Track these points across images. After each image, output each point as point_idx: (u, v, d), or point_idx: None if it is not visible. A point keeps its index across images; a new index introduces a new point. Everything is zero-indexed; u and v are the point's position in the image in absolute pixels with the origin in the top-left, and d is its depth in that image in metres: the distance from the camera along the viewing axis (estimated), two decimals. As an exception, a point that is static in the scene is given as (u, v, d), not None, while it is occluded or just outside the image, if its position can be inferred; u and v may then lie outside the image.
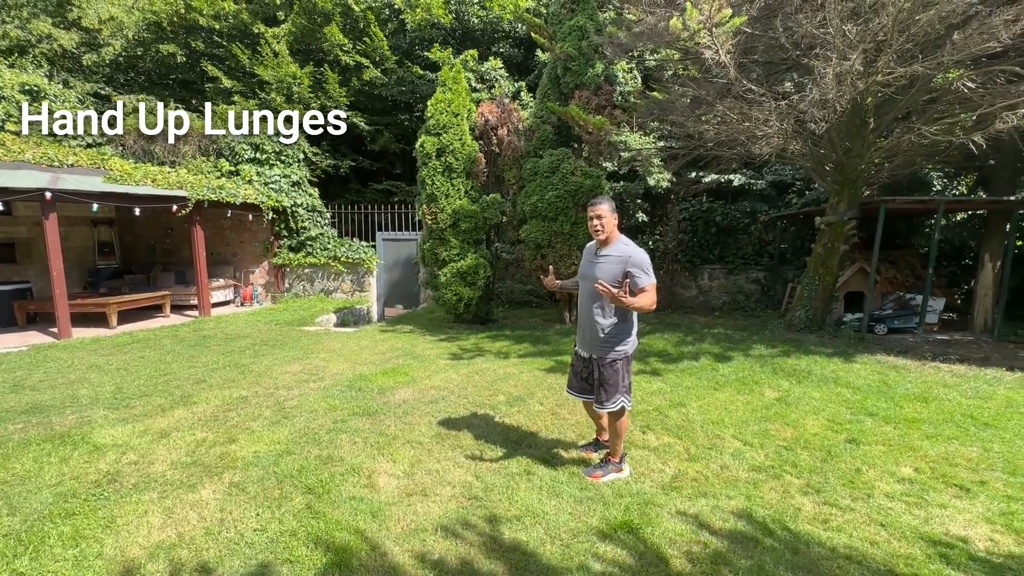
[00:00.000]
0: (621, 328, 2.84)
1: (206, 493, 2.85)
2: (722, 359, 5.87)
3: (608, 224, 2.77)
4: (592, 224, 2.80)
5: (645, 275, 2.68)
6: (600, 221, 2.77)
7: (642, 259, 2.70)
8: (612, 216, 2.79)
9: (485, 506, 2.74)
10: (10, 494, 2.82)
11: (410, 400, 4.43)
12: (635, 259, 2.69)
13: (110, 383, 4.91)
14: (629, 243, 2.80)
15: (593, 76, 7.24)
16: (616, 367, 2.85)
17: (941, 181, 9.82)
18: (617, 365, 2.85)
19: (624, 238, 2.84)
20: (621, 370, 2.86)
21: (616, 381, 2.85)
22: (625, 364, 2.88)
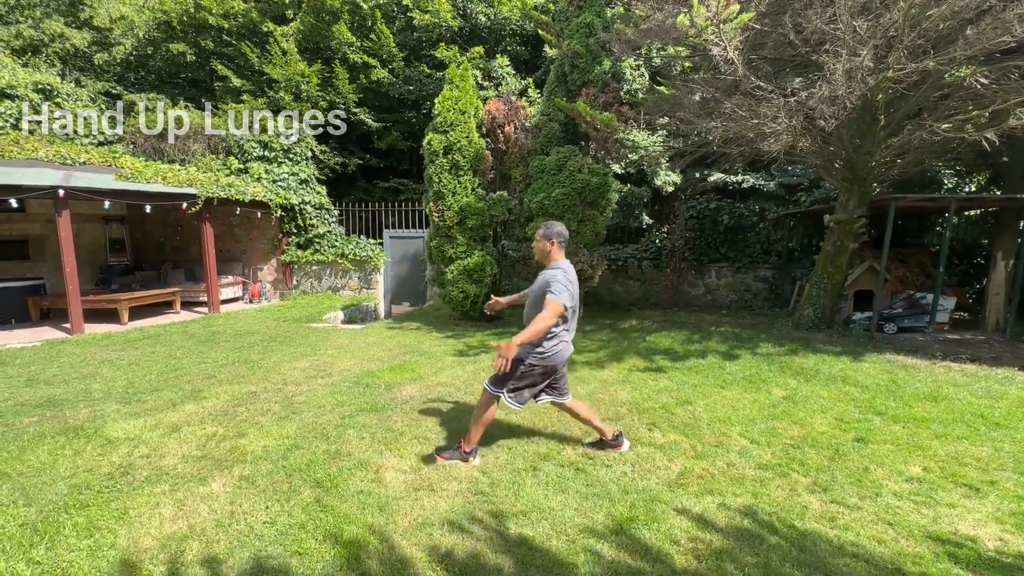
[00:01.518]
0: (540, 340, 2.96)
1: (216, 486, 2.89)
2: (729, 357, 5.85)
3: (538, 249, 3.08)
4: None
5: (550, 293, 2.83)
6: (534, 246, 3.12)
7: (550, 277, 2.89)
8: (544, 242, 3.03)
9: (491, 501, 2.76)
10: (26, 485, 2.87)
11: (417, 396, 4.46)
12: (546, 277, 2.92)
13: (122, 378, 4.98)
14: (558, 267, 2.97)
15: (600, 73, 7.22)
16: (519, 367, 3.00)
17: (952, 179, 9.70)
18: (520, 366, 2.99)
19: (561, 263, 3.01)
20: (519, 371, 3.00)
21: (509, 375, 2.99)
22: (525, 369, 3.00)
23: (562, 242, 3.05)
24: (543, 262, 3.10)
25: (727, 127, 5.79)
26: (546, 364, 3.02)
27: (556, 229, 3.04)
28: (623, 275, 9.80)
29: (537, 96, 10.90)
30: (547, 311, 2.78)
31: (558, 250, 3.04)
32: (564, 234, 3.07)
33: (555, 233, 3.03)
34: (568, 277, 2.94)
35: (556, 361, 3.04)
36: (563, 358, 3.08)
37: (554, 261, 3.03)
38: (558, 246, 3.04)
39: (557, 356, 3.03)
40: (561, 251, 3.07)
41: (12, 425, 3.76)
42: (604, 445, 3.38)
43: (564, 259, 3.07)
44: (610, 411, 4.12)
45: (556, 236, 3.03)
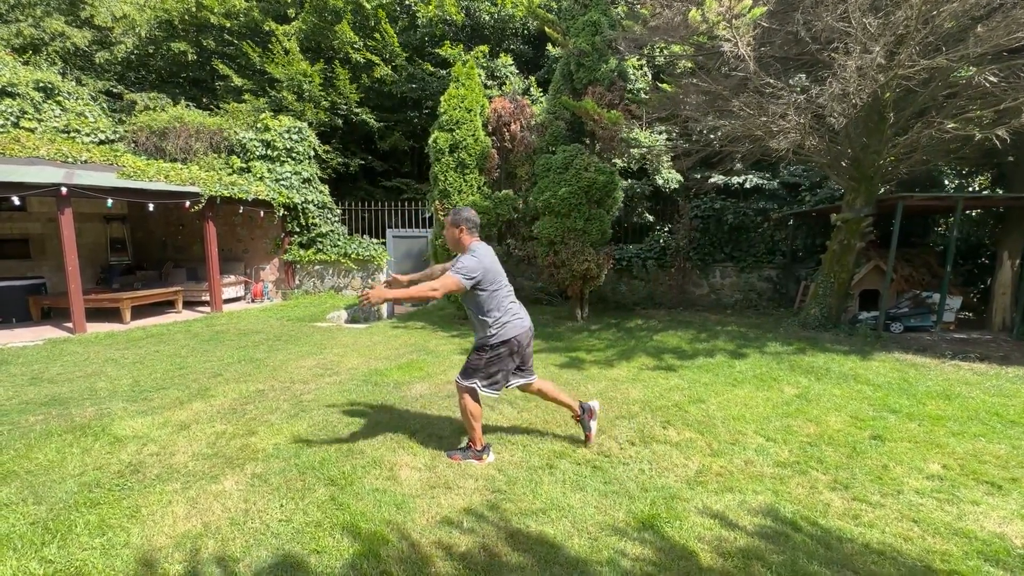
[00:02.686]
0: (484, 321, 2.96)
1: (229, 484, 2.84)
2: (737, 356, 5.82)
3: (448, 237, 3.02)
4: None
5: (452, 270, 2.84)
6: (444, 233, 3.09)
7: (463, 258, 2.88)
8: (452, 229, 2.95)
9: (510, 499, 2.72)
10: (35, 484, 2.82)
11: (427, 395, 4.42)
12: (460, 258, 2.92)
13: (127, 376, 4.93)
14: (471, 251, 2.91)
15: (607, 72, 7.20)
16: (479, 353, 2.99)
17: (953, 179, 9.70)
18: (481, 353, 2.98)
19: (474, 246, 2.94)
20: (484, 357, 2.97)
21: (476, 364, 2.99)
22: (489, 354, 2.96)
23: (471, 227, 2.95)
24: (455, 251, 3.05)
25: (734, 125, 5.76)
26: (506, 339, 2.94)
27: (465, 215, 2.95)
28: (627, 274, 9.77)
29: (540, 95, 10.89)
30: (439, 281, 2.77)
31: (468, 235, 2.95)
32: (474, 219, 2.97)
33: (463, 219, 2.93)
34: (480, 259, 2.84)
35: (513, 333, 2.96)
36: (521, 330, 3.01)
37: (467, 246, 2.95)
38: (467, 231, 2.94)
39: (510, 328, 2.95)
40: (472, 236, 2.96)
41: (17, 424, 3.70)
42: (581, 422, 3.37)
43: (478, 242, 2.97)
44: (622, 409, 4.08)
45: (465, 222, 2.93)
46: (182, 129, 10.39)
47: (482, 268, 2.83)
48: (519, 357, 3.05)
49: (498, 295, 2.94)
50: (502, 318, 2.95)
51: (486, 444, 3.18)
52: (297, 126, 10.59)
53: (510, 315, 2.99)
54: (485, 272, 2.84)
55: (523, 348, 3.05)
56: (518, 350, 3.02)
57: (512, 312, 3.01)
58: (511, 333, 2.96)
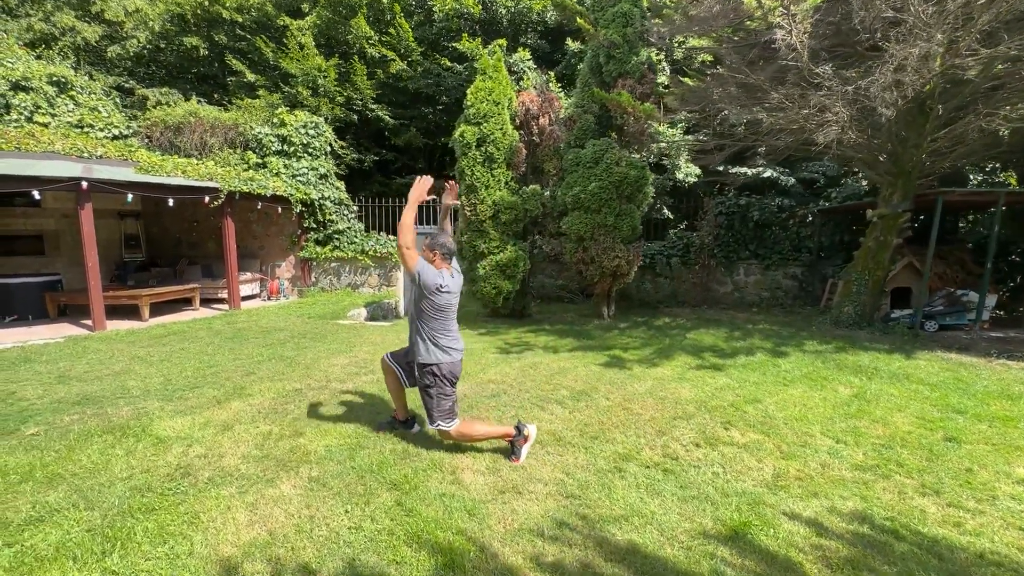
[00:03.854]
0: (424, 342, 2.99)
1: (286, 488, 2.70)
2: (779, 355, 5.67)
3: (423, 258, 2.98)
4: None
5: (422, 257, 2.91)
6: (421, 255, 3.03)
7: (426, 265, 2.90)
8: (428, 252, 2.99)
9: (587, 504, 2.57)
10: (83, 488, 2.68)
11: (470, 395, 4.27)
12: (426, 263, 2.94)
13: (157, 374, 4.78)
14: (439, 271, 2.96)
15: (637, 64, 7.04)
16: (427, 392, 2.99)
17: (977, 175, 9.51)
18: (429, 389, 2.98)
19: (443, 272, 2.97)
20: (433, 393, 2.98)
21: (429, 406, 3.00)
22: (434, 391, 2.97)
23: (445, 254, 3.01)
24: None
25: (777, 118, 5.60)
26: (443, 376, 2.97)
27: (442, 240, 3.03)
28: (650, 272, 9.60)
29: (558, 90, 10.73)
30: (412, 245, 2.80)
31: (441, 260, 3.01)
32: (450, 247, 3.04)
33: (439, 244, 3.01)
34: (442, 279, 2.91)
35: (447, 371, 2.98)
36: (455, 366, 3.03)
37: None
38: (440, 257, 3.00)
39: (445, 367, 2.98)
40: (445, 262, 3.02)
41: (53, 423, 3.56)
42: (394, 425, 3.44)
43: (447, 270, 3.02)
44: (677, 409, 3.93)
45: (440, 247, 3.01)
46: (197, 124, 10.25)
47: (432, 281, 2.87)
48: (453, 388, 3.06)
49: (442, 317, 2.97)
50: (440, 343, 2.97)
51: (516, 425, 3.11)
52: (314, 121, 10.43)
53: (444, 348, 2.98)
54: (439, 288, 2.88)
55: (455, 379, 3.06)
56: (453, 380, 3.03)
57: (450, 343, 3.01)
58: (445, 369, 2.98)
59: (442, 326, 2.98)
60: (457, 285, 3.06)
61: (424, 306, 2.93)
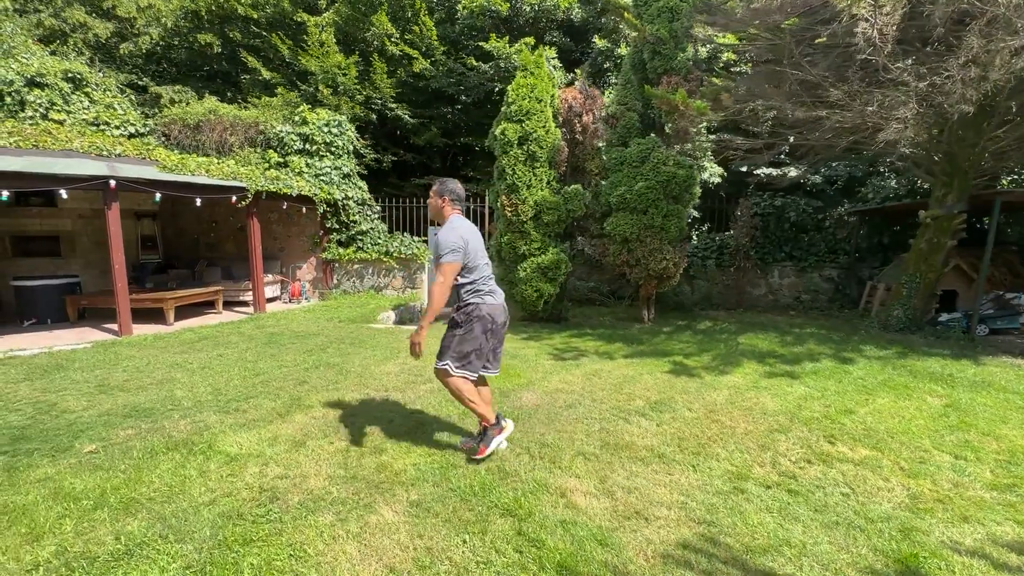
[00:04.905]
0: (457, 292, 2.90)
1: (388, 514, 2.46)
2: (843, 360, 5.47)
3: (432, 205, 2.97)
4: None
5: (441, 251, 2.75)
6: (429, 202, 3.01)
7: (442, 239, 2.77)
8: (436, 198, 2.93)
9: (724, 532, 2.34)
10: (165, 515, 2.42)
11: (543, 405, 4.03)
12: (438, 239, 2.80)
13: (203, 384, 4.52)
14: (450, 224, 2.84)
15: (683, 61, 6.84)
16: (452, 331, 2.89)
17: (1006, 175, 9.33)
18: (454, 330, 2.88)
19: (453, 219, 2.88)
20: (457, 335, 2.86)
21: (447, 343, 2.88)
22: (462, 331, 2.85)
23: (454, 200, 2.93)
24: (436, 219, 3.02)
25: (843, 116, 5.40)
26: (481, 316, 2.83)
27: (450, 186, 2.95)
28: (684, 274, 9.38)
29: (585, 89, 10.51)
30: (439, 277, 2.73)
31: (450, 207, 2.93)
32: (459, 193, 2.96)
33: (448, 190, 2.93)
34: (461, 232, 2.78)
35: (486, 310, 2.85)
36: (495, 306, 2.90)
37: (447, 217, 2.92)
38: (450, 203, 2.92)
39: (485, 307, 2.85)
40: (455, 208, 2.94)
41: (109, 439, 3.30)
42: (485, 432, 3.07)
43: (457, 215, 2.93)
44: (769, 421, 3.70)
45: (449, 193, 2.93)
46: (216, 123, 9.98)
47: (463, 240, 2.76)
48: (494, 338, 2.93)
49: (477, 269, 2.87)
50: (477, 289, 2.87)
51: (497, 414, 3.03)
52: (336, 119, 10.18)
53: (484, 292, 2.88)
54: (467, 244, 2.78)
55: (497, 328, 2.92)
56: (492, 328, 2.88)
57: (488, 288, 2.90)
58: (484, 309, 2.85)
59: (479, 277, 2.87)
60: (471, 226, 2.92)
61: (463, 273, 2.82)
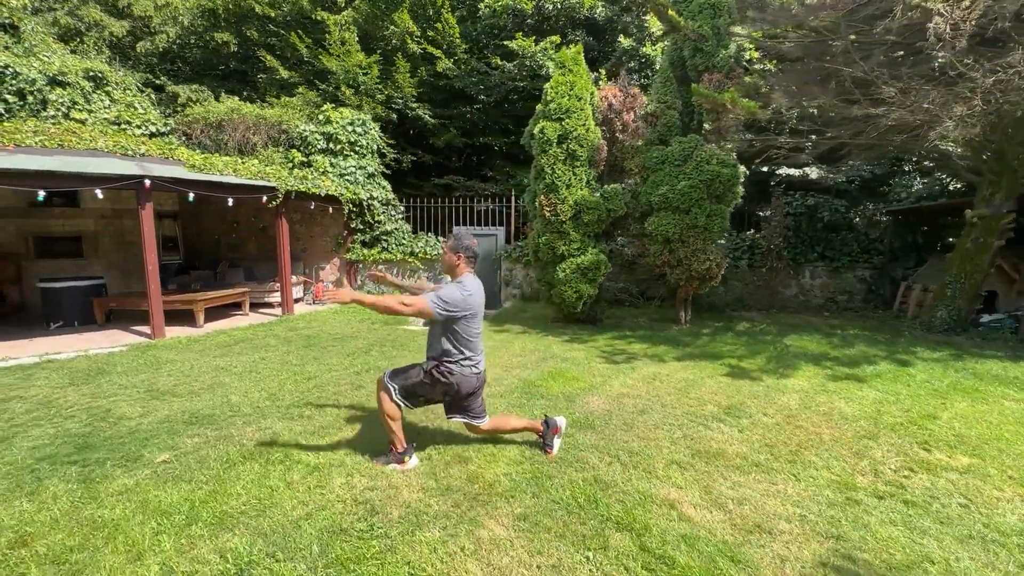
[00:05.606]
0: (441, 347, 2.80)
1: (497, 528, 2.34)
2: (900, 363, 5.35)
3: (445, 261, 2.88)
4: None
5: (431, 296, 2.65)
6: (442, 258, 2.93)
7: (447, 291, 2.68)
8: (451, 255, 2.84)
9: (856, 547, 2.23)
10: (264, 530, 2.30)
11: (613, 410, 3.91)
12: (445, 287, 2.73)
13: (255, 389, 4.40)
14: (461, 283, 2.77)
15: (726, 58, 6.73)
16: (419, 370, 2.84)
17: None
18: (420, 372, 2.83)
19: (465, 279, 2.79)
20: (418, 378, 2.82)
21: (407, 373, 2.84)
22: (429, 380, 2.80)
23: (470, 257, 2.84)
24: (449, 274, 2.92)
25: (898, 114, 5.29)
26: (446, 383, 2.78)
27: (466, 243, 2.83)
28: (715, 275, 9.28)
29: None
30: (414, 300, 2.61)
31: (465, 265, 2.82)
32: (474, 250, 2.86)
33: (464, 247, 2.82)
34: (465, 296, 2.70)
35: (456, 383, 2.79)
36: (467, 384, 2.82)
37: (458, 277, 2.83)
38: (465, 261, 2.82)
39: (457, 379, 2.78)
40: (469, 267, 2.84)
41: (177, 447, 3.18)
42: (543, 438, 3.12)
43: (470, 275, 2.84)
44: (853, 427, 3.59)
45: (465, 250, 2.82)
46: (239, 122, 9.86)
47: (463, 305, 2.69)
48: (452, 400, 2.87)
49: (468, 331, 2.78)
50: (459, 359, 2.79)
51: (407, 446, 2.93)
52: (360, 118, 10.06)
53: (464, 362, 2.79)
54: (466, 309, 2.70)
55: (461, 397, 2.84)
56: (454, 396, 2.84)
57: (470, 360, 2.81)
58: (454, 378, 2.79)
59: (467, 338, 2.77)
60: (481, 289, 2.86)
61: (459, 328, 2.74)
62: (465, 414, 2.94)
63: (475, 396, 2.91)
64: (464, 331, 2.75)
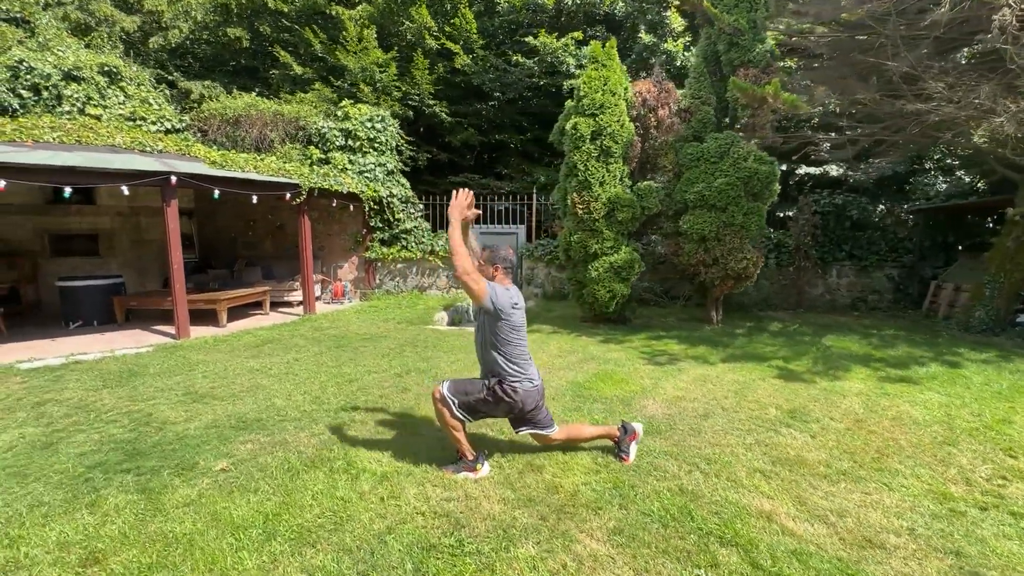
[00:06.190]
0: (496, 364, 2.72)
1: (593, 544, 2.20)
2: (950, 364, 5.22)
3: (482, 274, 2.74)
4: None
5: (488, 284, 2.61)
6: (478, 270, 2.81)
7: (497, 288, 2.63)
8: (488, 267, 2.77)
9: (980, 564, 2.10)
10: (348, 545, 2.16)
11: (674, 415, 3.78)
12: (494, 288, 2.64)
13: (297, 392, 4.26)
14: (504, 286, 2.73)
15: (762, 52, 6.58)
16: (478, 386, 2.75)
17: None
18: (481, 389, 2.73)
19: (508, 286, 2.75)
20: (479, 395, 2.72)
21: (467, 389, 2.75)
22: (486, 395, 2.71)
23: (507, 268, 2.80)
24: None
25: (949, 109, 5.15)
26: (510, 402, 2.70)
27: (501, 254, 2.80)
28: (741, 274, 9.15)
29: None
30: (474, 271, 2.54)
31: (503, 275, 2.78)
32: (511, 260, 2.84)
33: (500, 258, 2.79)
34: (512, 296, 2.68)
35: (520, 401, 2.71)
36: (530, 400, 2.74)
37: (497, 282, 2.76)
38: (502, 272, 2.78)
39: (521, 397, 2.70)
40: (506, 277, 2.79)
41: (232, 455, 3.04)
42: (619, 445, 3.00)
43: (508, 282, 2.80)
44: (928, 432, 3.46)
45: (502, 261, 2.79)
46: (257, 118, 9.70)
47: (510, 304, 2.65)
48: (516, 416, 2.81)
49: (518, 343, 2.73)
50: (517, 371, 2.72)
51: (477, 454, 2.83)
52: (379, 114, 9.91)
53: (523, 376, 2.73)
54: (510, 313, 2.65)
55: (525, 412, 2.76)
56: (517, 412, 2.76)
57: (527, 372, 2.76)
58: (519, 396, 2.70)
59: (520, 352, 2.73)
60: (523, 300, 2.83)
61: (500, 329, 2.66)
62: (532, 426, 2.85)
63: (538, 409, 2.82)
64: (515, 344, 2.71)
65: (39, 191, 8.38)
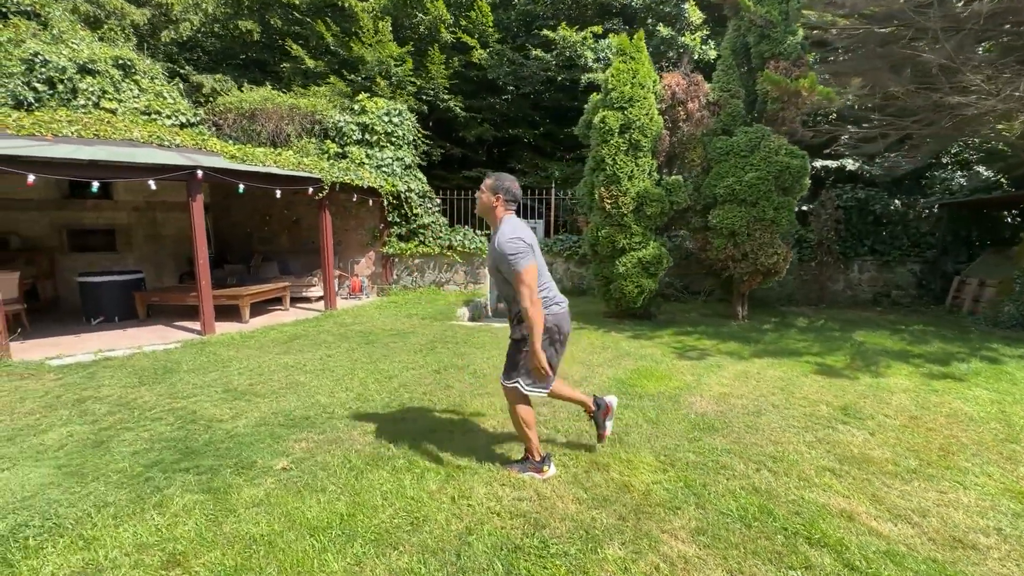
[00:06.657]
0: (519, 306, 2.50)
1: (680, 546, 2.16)
2: (989, 360, 5.18)
3: (481, 202, 2.60)
4: None
5: (511, 262, 2.39)
6: (477, 197, 2.65)
7: (506, 246, 2.41)
8: (488, 194, 2.57)
9: (1080, 567, 2.05)
10: (430, 546, 2.12)
11: (725, 411, 3.74)
12: (500, 247, 2.44)
13: (339, 389, 4.22)
14: (507, 227, 2.49)
15: (793, 45, 6.50)
16: (518, 345, 2.59)
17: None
18: (520, 344, 2.57)
19: (509, 220, 2.54)
20: (524, 350, 2.55)
21: (515, 359, 2.60)
22: (522, 335, 2.53)
23: (508, 200, 2.58)
24: (485, 217, 2.67)
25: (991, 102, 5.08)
26: (547, 328, 2.51)
27: (507, 184, 2.58)
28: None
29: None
30: (524, 290, 2.38)
31: (503, 207, 2.57)
32: (515, 193, 2.59)
33: (504, 188, 2.56)
34: (521, 235, 2.44)
35: (553, 323, 2.55)
36: (561, 318, 2.62)
37: (499, 219, 2.56)
38: (503, 203, 2.57)
39: (551, 318, 2.54)
40: (508, 210, 2.59)
41: (289, 453, 3.00)
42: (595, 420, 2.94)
43: (512, 216, 2.59)
44: (988, 430, 3.42)
45: (505, 192, 2.56)
46: (273, 111, 9.60)
47: (526, 244, 2.42)
48: (561, 347, 2.68)
49: (540, 275, 2.54)
50: (542, 298, 2.52)
51: (545, 455, 2.76)
52: (397, 108, 9.82)
53: (549, 301, 2.57)
54: (530, 246, 2.44)
55: (564, 339, 2.66)
56: (559, 339, 2.63)
57: (552, 295, 2.61)
58: (550, 320, 2.53)
59: (542, 281, 2.55)
60: (529, 230, 2.58)
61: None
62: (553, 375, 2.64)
63: (565, 342, 2.70)
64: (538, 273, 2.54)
65: (56, 186, 8.30)
